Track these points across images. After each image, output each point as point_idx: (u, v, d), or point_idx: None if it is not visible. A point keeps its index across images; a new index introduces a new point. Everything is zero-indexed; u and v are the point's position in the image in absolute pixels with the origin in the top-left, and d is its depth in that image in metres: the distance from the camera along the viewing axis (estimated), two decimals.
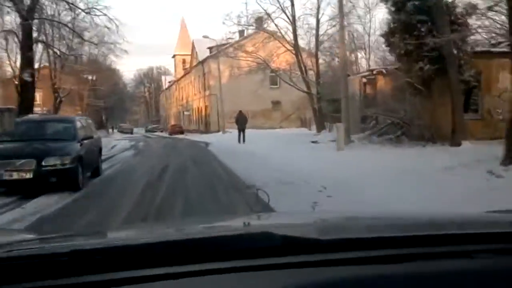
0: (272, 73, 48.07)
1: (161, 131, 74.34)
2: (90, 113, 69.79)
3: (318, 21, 27.95)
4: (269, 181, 9.31)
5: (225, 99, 44.50)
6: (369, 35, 42.82)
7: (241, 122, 27.31)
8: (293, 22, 28.15)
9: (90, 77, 59.02)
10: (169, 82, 79.30)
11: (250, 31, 42.26)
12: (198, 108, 52.89)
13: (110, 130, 77.76)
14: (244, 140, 26.76)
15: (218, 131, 44.81)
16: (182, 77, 63.59)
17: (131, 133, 68.72)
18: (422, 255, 1.16)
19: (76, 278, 1.06)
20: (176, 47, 70.70)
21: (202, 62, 48.44)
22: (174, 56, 71.68)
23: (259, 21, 36.98)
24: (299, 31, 29.01)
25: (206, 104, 48.61)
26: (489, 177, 8.66)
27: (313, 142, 19.27)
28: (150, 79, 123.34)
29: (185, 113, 59.75)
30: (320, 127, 27.84)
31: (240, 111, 27.92)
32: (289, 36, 29.22)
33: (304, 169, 11.84)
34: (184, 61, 68.55)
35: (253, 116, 46.82)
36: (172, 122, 70.97)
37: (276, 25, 28.47)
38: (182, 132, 51.59)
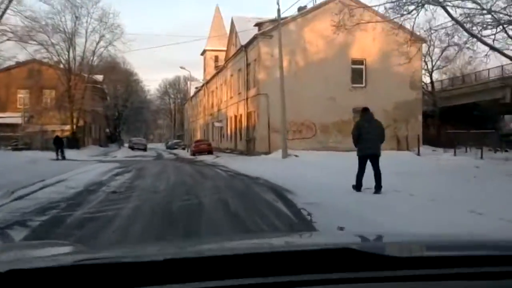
0: (354, 64, 31.09)
1: (183, 148, 58.22)
2: (91, 122, 53.90)
3: None
4: None
5: (277, 105, 28.01)
6: None
7: (374, 134, 10.48)
8: None
9: (86, 75, 43.01)
10: (196, 88, 62.89)
11: None
12: (235, 117, 36.15)
13: (124, 146, 61.46)
14: (379, 186, 9.91)
15: (268, 152, 28.02)
16: (214, 76, 47.12)
17: (145, 149, 52.42)
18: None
19: None
20: (208, 42, 54.45)
21: (246, 46, 31.74)
22: (204, 53, 55.40)
23: None
24: None
25: (249, 111, 31.78)
26: None
27: None
28: (176, 90, 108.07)
29: (216, 124, 43.05)
30: None
31: (366, 110, 10.95)
32: None
33: None
34: (216, 59, 52.31)
35: (323, 131, 29.93)
36: (198, 136, 54.53)
37: None
38: (210, 152, 34.88)
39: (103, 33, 40.66)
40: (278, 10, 23.01)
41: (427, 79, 43.64)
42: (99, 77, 56.12)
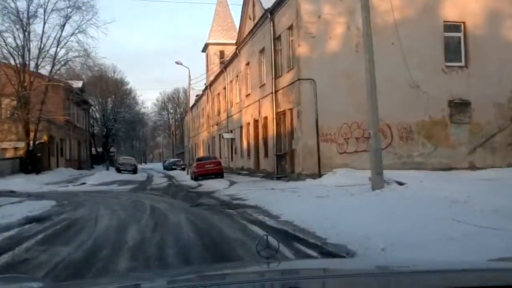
0: (448, 31, 19.57)
1: (183, 168, 47.05)
2: (64, 137, 41.88)
3: None
4: None
5: (329, 97, 16.89)
6: None
7: None
8: None
9: (48, 72, 31.80)
10: (197, 96, 51.88)
11: None
12: (254, 123, 24.96)
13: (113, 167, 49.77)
14: None
15: (317, 174, 17.04)
16: (220, 73, 36.07)
17: (134, 171, 41.19)
18: None
19: None
20: (211, 34, 43.54)
21: (273, 11, 20.71)
22: (206, 48, 44.40)
23: None
24: None
25: (280, 109, 20.55)
26: None
27: None
28: (176, 104, 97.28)
29: (225, 136, 31.90)
30: None
31: None
32: None
33: None
34: (222, 54, 41.34)
35: (403, 137, 18.77)
36: (201, 153, 43.53)
37: None
38: (220, 174, 23.83)
39: (69, 14, 29.71)
40: None
41: None
42: (78, 83, 45.25)
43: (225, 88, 34.20)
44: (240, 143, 28.84)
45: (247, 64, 26.32)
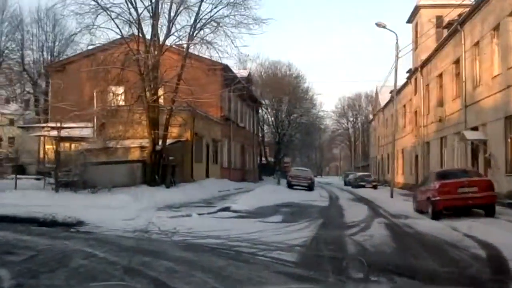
0: None
1: (374, 186, 34.81)
2: (221, 138, 29.48)
3: None
4: None
5: None
6: None
7: None
8: None
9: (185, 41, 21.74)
10: (391, 92, 38.76)
11: None
12: None
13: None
14: None
15: None
16: (446, 39, 22.86)
17: (309, 187, 29.95)
18: None
19: None
20: None
21: None
22: (414, 15, 31.23)
23: None
24: None
25: None
26: None
27: None
28: (356, 111, 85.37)
29: (468, 136, 18.53)
30: None
31: None
32: None
33: None
34: (439, 22, 27.86)
35: None
36: (399, 167, 30.76)
37: None
38: (489, 206, 10.92)
39: None
40: None
41: None
42: (243, 72, 35.99)
43: (458, 60, 20.94)
44: (507, 147, 15.45)
45: None
